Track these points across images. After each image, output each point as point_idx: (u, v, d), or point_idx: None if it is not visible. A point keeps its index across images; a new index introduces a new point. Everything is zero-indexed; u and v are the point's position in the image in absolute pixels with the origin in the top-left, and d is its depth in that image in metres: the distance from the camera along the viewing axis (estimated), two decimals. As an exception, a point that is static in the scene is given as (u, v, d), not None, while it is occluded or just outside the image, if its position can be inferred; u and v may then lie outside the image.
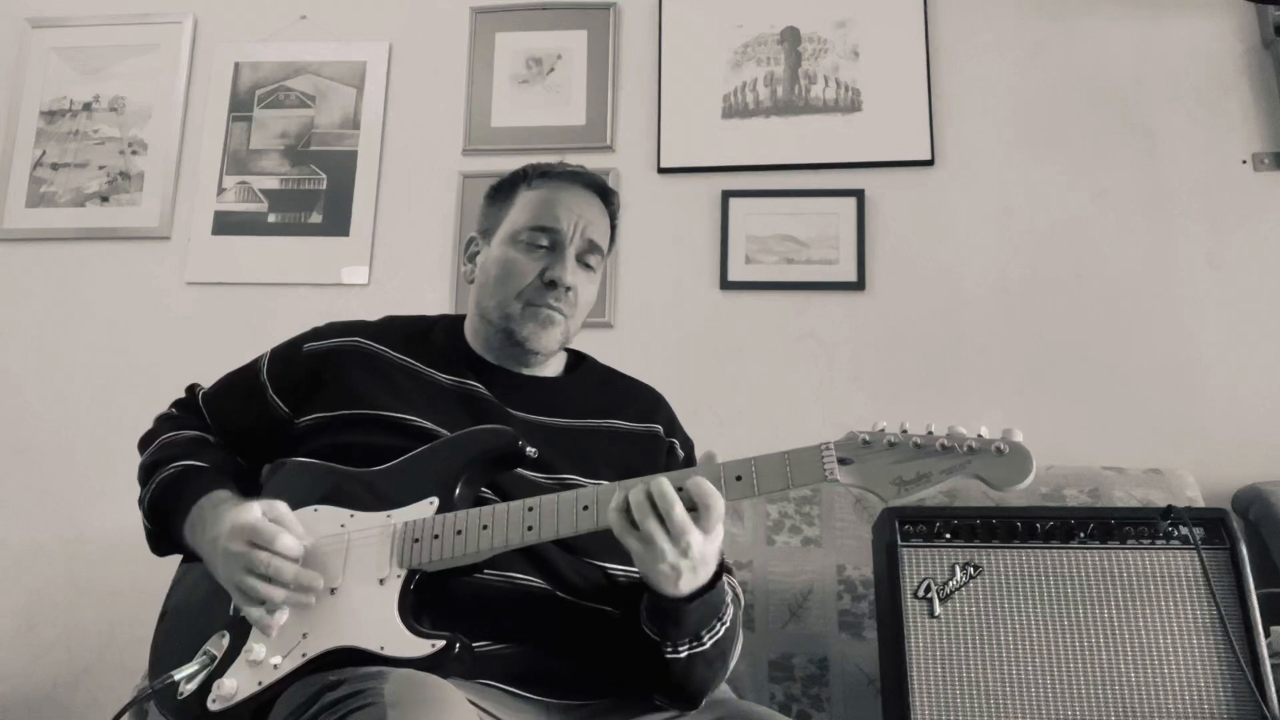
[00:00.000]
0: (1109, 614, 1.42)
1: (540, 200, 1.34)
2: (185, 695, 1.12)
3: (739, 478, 1.06)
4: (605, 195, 1.39)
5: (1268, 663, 1.37)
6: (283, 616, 1.11)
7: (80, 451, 2.33)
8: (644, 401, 1.42)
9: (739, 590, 1.30)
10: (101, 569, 2.24)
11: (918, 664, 1.41)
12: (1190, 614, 1.41)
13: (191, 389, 1.43)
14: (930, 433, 1.03)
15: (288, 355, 1.36)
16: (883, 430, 1.04)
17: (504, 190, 1.39)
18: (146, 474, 1.31)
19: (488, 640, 1.13)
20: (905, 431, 1.04)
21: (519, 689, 1.14)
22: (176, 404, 1.43)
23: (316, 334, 1.37)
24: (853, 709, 1.73)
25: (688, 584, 1.05)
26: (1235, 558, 1.43)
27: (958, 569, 1.47)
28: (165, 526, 1.27)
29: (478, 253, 1.39)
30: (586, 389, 1.39)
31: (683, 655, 1.09)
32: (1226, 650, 1.38)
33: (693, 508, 1.03)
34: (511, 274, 1.31)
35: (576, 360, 1.46)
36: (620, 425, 1.34)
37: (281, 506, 1.16)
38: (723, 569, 1.10)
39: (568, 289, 1.30)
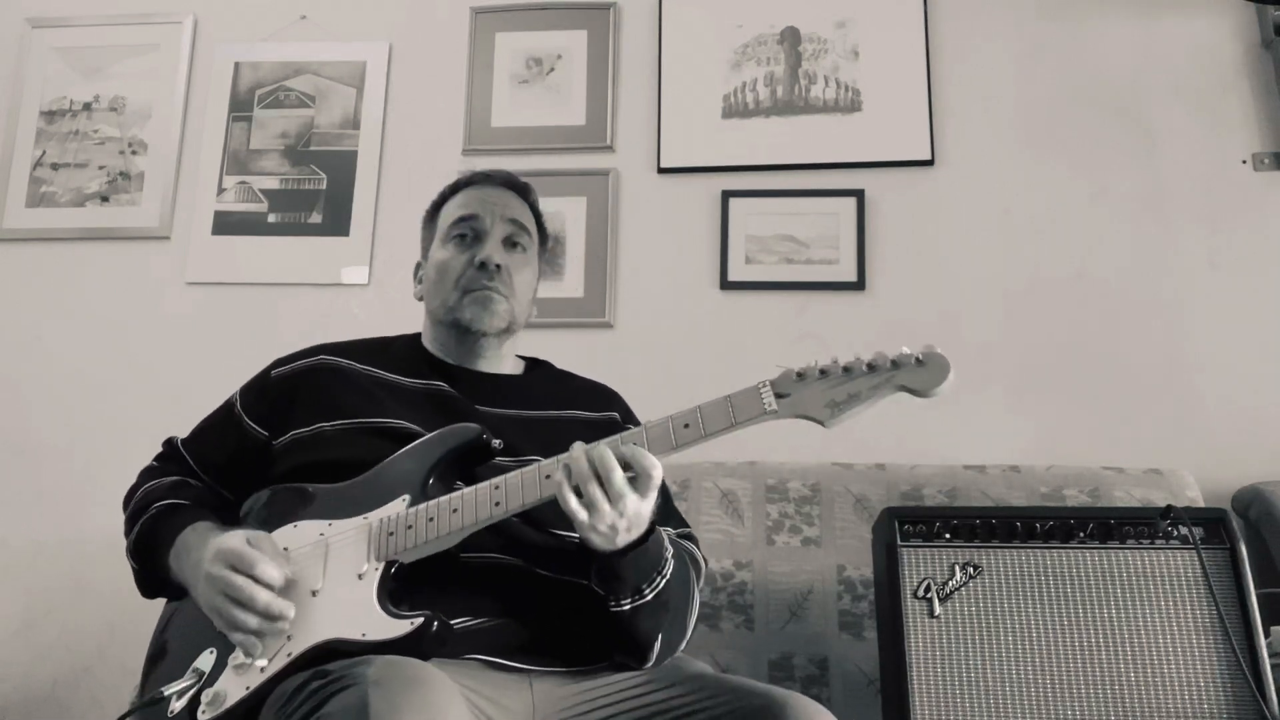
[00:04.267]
0: (1109, 614, 1.42)
1: (460, 202, 1.47)
2: (175, 712, 1.14)
3: (686, 425, 1.15)
4: (519, 189, 1.51)
5: (1268, 663, 1.37)
6: (261, 637, 1.13)
7: (80, 451, 2.33)
8: (600, 395, 1.50)
9: (699, 556, 1.35)
10: (101, 569, 2.24)
11: (918, 664, 1.42)
12: (1190, 614, 1.42)
13: (169, 441, 1.46)
14: (857, 358, 1.13)
15: (258, 385, 1.41)
16: (815, 363, 1.15)
17: (430, 212, 1.52)
18: (131, 523, 1.35)
19: (468, 616, 1.16)
20: (835, 360, 1.14)
21: (503, 658, 1.17)
22: (157, 457, 1.46)
23: (280, 361, 1.42)
24: (853, 709, 1.73)
25: (622, 540, 1.12)
26: (1235, 558, 1.44)
27: (958, 569, 1.47)
28: (152, 563, 1.29)
29: (424, 271, 1.50)
30: (546, 385, 1.47)
31: (626, 608, 1.15)
32: (1226, 650, 1.39)
33: (629, 471, 1.10)
34: (446, 270, 1.42)
35: (534, 364, 1.54)
36: (581, 415, 1.42)
37: (264, 535, 1.19)
38: (653, 528, 1.15)
39: (498, 266, 1.39)
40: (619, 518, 1.09)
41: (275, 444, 1.33)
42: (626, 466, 1.10)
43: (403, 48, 2.54)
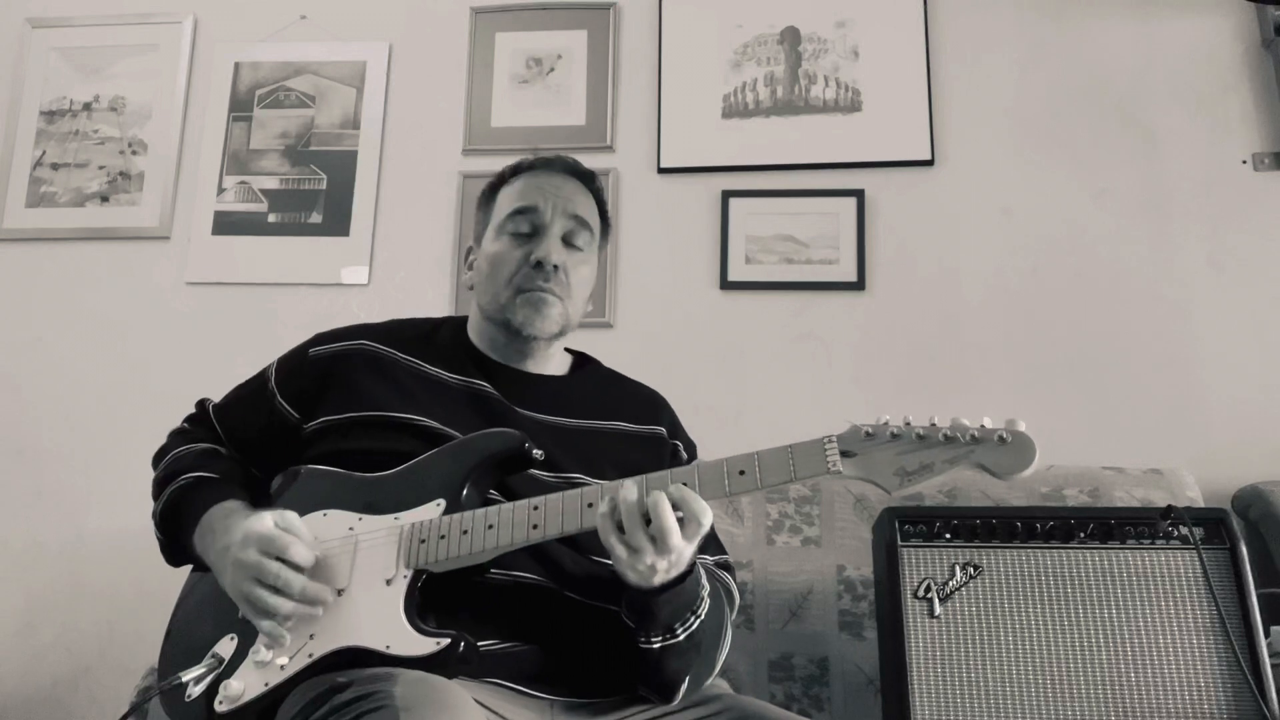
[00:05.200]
0: (1109, 614, 1.42)
1: (518, 190, 1.37)
2: (193, 697, 1.12)
3: (742, 472, 1.07)
4: (585, 177, 1.41)
5: (1268, 663, 1.37)
6: (290, 623, 1.12)
7: (80, 451, 2.33)
8: (648, 404, 1.43)
9: (734, 588, 1.30)
10: (101, 569, 2.24)
11: (918, 664, 1.41)
12: (1190, 614, 1.41)
13: (201, 403, 1.43)
14: (933, 424, 1.04)
15: (294, 362, 1.36)
16: (886, 422, 1.05)
17: (487, 193, 1.43)
18: (159, 488, 1.32)
19: (494, 639, 1.14)
20: (908, 424, 1.05)
21: (526, 687, 1.14)
22: (188, 419, 1.43)
23: (321, 339, 1.37)
24: (853, 709, 1.73)
25: (659, 580, 1.07)
26: (1235, 558, 1.44)
27: (958, 569, 1.47)
28: (176, 537, 1.27)
29: (475, 260, 1.42)
30: (592, 390, 1.40)
31: (655, 646, 1.11)
32: (1226, 650, 1.38)
33: (678, 511, 1.04)
34: (500, 264, 1.33)
35: (581, 361, 1.47)
36: (625, 427, 1.35)
37: (293, 517, 1.16)
38: (691, 566, 1.10)
39: (555, 267, 1.31)
40: (660, 560, 1.05)
41: (306, 427, 1.29)
42: (674, 507, 1.04)
43: (403, 48, 2.54)
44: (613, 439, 1.33)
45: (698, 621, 1.12)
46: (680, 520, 1.04)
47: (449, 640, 1.06)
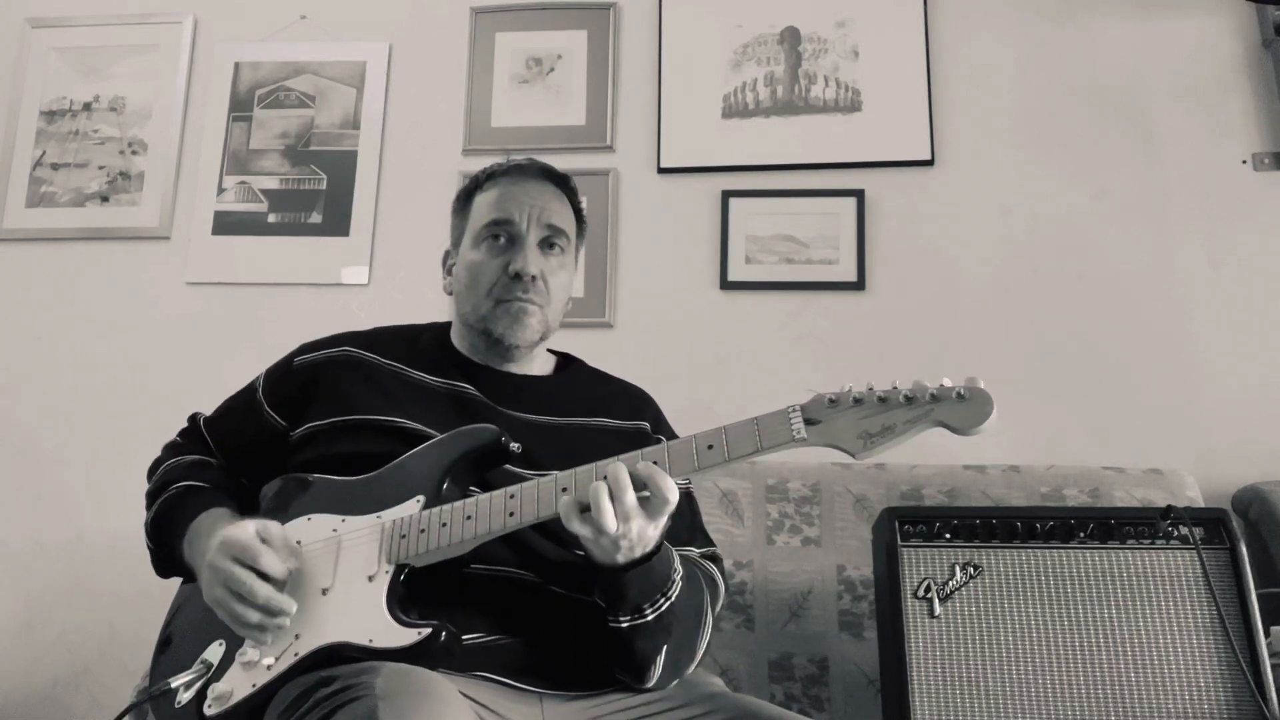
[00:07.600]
0: (1109, 614, 1.42)
1: (493, 199, 1.38)
2: (182, 703, 1.14)
3: (710, 446, 1.08)
4: (559, 180, 1.43)
5: (1268, 663, 1.37)
6: (257, 632, 1.13)
7: (80, 452, 2.33)
8: (631, 400, 1.44)
9: (719, 578, 1.31)
10: (101, 570, 2.24)
11: (918, 664, 1.42)
12: (1190, 614, 1.42)
13: (193, 417, 1.46)
14: (895, 387, 1.05)
15: (281, 372, 1.39)
16: (849, 389, 1.07)
17: (462, 200, 1.44)
18: (151, 499, 1.35)
19: (479, 633, 1.15)
20: (870, 388, 1.06)
21: (515, 680, 1.15)
22: (181, 432, 1.46)
23: (305, 348, 1.40)
24: (853, 709, 1.73)
25: (623, 558, 1.08)
26: (1235, 558, 1.44)
27: (958, 569, 1.47)
28: (168, 545, 1.29)
29: (454, 265, 1.43)
30: (575, 388, 1.41)
31: (624, 626, 1.11)
32: (1226, 650, 1.39)
33: (643, 490, 1.05)
34: (478, 275, 1.35)
35: (565, 361, 1.48)
36: (609, 423, 1.36)
37: (275, 526, 1.18)
38: (659, 547, 1.11)
39: (533, 277, 1.33)
40: (621, 537, 1.05)
41: (293, 434, 1.32)
42: (642, 486, 1.05)
43: (403, 48, 2.54)
44: (596, 435, 1.34)
45: (668, 603, 1.13)
46: (646, 499, 1.05)
47: (430, 630, 1.07)
